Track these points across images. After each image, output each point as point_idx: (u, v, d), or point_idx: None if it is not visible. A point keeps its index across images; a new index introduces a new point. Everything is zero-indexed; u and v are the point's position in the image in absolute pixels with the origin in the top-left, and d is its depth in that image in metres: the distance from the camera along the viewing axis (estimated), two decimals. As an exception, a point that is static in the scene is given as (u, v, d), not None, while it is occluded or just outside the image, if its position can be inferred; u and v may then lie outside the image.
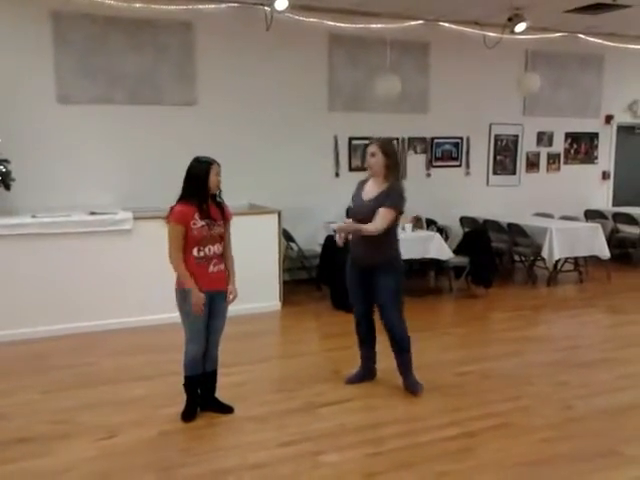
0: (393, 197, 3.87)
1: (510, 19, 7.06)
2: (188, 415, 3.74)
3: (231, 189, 6.66)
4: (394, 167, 3.93)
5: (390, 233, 3.95)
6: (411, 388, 4.13)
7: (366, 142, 7.46)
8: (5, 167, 5.45)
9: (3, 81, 5.76)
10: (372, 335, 4.28)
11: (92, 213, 5.57)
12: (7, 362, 4.77)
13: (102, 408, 3.91)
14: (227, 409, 3.84)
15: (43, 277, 5.29)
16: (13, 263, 5.21)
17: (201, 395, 3.81)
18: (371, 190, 3.97)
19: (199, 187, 3.58)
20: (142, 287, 5.48)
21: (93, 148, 6.30)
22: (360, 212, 3.96)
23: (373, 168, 3.93)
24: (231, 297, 3.76)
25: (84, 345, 5.13)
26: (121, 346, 5.13)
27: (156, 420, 3.73)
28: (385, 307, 4.04)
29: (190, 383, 3.74)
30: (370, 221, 3.85)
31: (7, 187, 5.46)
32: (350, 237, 4.05)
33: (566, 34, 8.17)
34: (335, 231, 4.05)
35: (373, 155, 3.91)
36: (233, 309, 5.79)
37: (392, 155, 3.95)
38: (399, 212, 3.91)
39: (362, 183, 4.10)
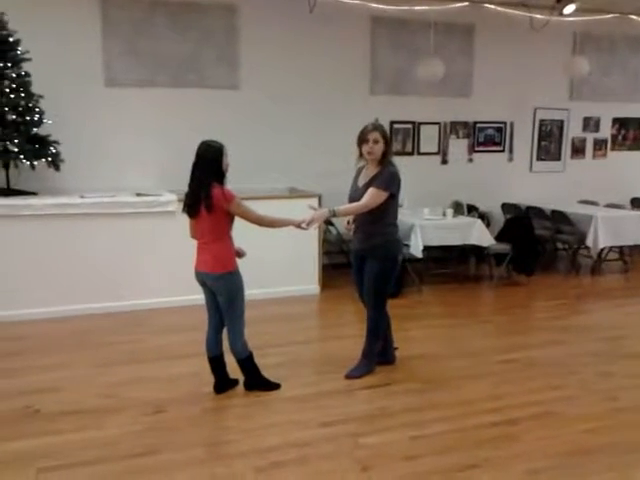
0: (382, 178, 3.87)
1: (559, 0, 6.87)
2: (276, 385, 3.94)
3: (272, 172, 6.82)
4: (389, 152, 3.98)
5: (382, 218, 3.93)
6: (352, 369, 4.17)
7: (408, 126, 7.55)
8: (55, 148, 5.59)
9: (54, 65, 5.89)
10: None
11: (138, 194, 5.70)
12: (58, 338, 4.93)
13: (149, 384, 4.03)
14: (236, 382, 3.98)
15: (90, 256, 5.45)
16: (61, 242, 5.38)
17: (223, 375, 3.92)
18: (366, 176, 4.01)
19: (219, 170, 3.60)
20: (185, 267, 5.54)
21: (138, 130, 6.42)
22: (354, 199, 3.98)
23: (374, 155, 3.92)
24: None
25: (130, 323, 5.28)
26: (165, 324, 5.27)
27: (201, 397, 3.82)
28: (367, 292, 4.11)
29: (252, 359, 3.87)
30: None
31: (57, 168, 5.61)
32: (351, 224, 4.10)
33: (617, 15, 7.89)
34: (308, 225, 3.76)
35: (376, 142, 3.90)
36: (272, 291, 5.98)
37: (389, 141, 4.01)
38: (390, 193, 3.87)
39: (359, 170, 4.13)
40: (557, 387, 4.05)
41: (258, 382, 3.91)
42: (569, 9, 6.89)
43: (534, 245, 6.90)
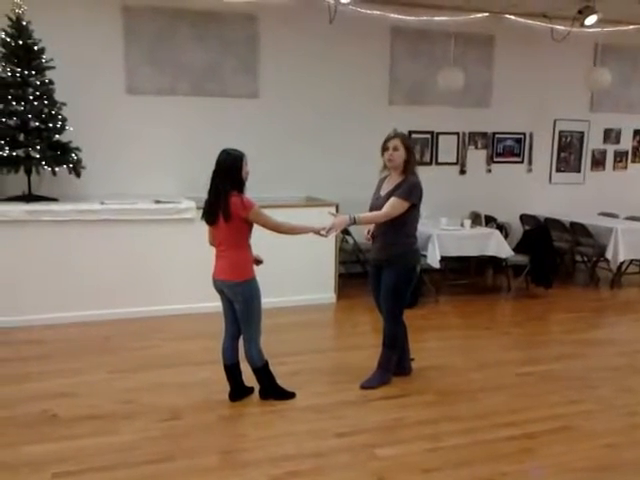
0: (405, 188, 3.85)
1: (580, 11, 6.82)
2: (291, 394, 3.93)
3: (290, 181, 6.85)
4: (412, 161, 3.94)
5: (401, 228, 3.92)
6: (367, 380, 4.14)
7: (426, 136, 7.53)
8: (76, 155, 5.66)
9: (77, 73, 5.97)
10: None
11: (157, 202, 5.74)
12: (76, 343, 4.98)
13: (165, 390, 4.04)
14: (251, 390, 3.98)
15: (109, 262, 5.49)
16: (81, 247, 5.43)
17: (239, 383, 3.93)
18: (388, 185, 3.99)
19: (239, 179, 3.61)
20: (204, 274, 5.57)
21: (159, 138, 6.48)
22: (375, 207, 3.97)
23: (395, 162, 3.90)
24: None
25: (147, 329, 5.31)
26: (183, 331, 5.29)
27: (216, 405, 3.82)
28: (383, 302, 4.09)
29: (268, 367, 3.87)
30: None
31: (78, 174, 5.67)
32: (370, 234, 4.10)
33: (639, 26, 7.82)
34: (328, 232, 3.76)
35: (396, 149, 3.88)
36: (289, 300, 5.98)
37: (411, 150, 3.97)
38: (411, 204, 3.85)
39: (382, 180, 4.12)
40: (575, 401, 3.99)
41: (273, 391, 3.91)
42: (590, 20, 6.83)
43: (553, 257, 6.83)
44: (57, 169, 5.51)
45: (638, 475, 3.15)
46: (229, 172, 3.59)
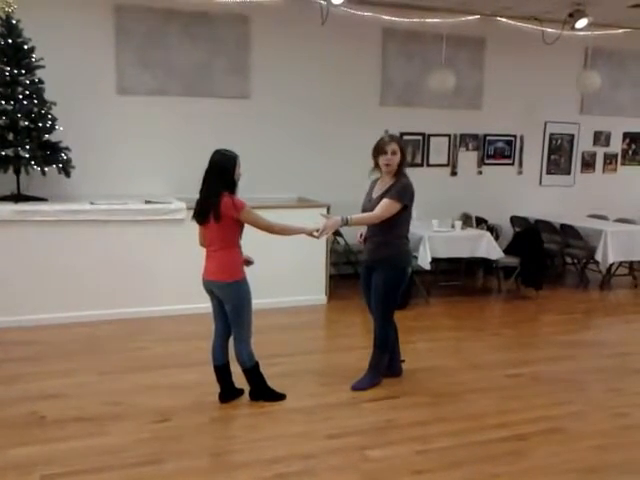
0: (397, 189, 3.86)
1: (571, 15, 6.87)
2: (281, 395, 3.91)
3: (282, 182, 6.84)
4: (404, 163, 3.98)
5: (393, 230, 3.93)
6: (358, 381, 4.14)
7: (418, 137, 7.54)
8: (66, 155, 5.62)
9: (67, 72, 5.93)
10: None
11: (147, 202, 5.72)
12: (65, 344, 4.94)
13: (155, 392, 4.01)
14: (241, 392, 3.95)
15: (98, 263, 5.46)
16: (71, 248, 5.39)
17: (229, 384, 3.90)
18: (380, 187, 4.00)
19: (231, 179, 3.61)
20: (194, 275, 5.55)
21: (149, 138, 6.44)
22: (367, 209, 3.98)
23: (392, 166, 3.91)
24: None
25: (137, 330, 5.28)
26: (172, 332, 5.26)
27: (206, 406, 3.81)
28: (374, 303, 4.09)
29: (258, 368, 3.86)
30: None
31: (67, 174, 5.63)
32: (363, 235, 4.11)
33: (628, 30, 7.88)
34: (320, 234, 3.77)
35: (395, 153, 3.89)
36: (280, 301, 5.97)
37: (405, 152, 4.01)
38: (403, 205, 3.86)
39: (374, 182, 4.13)
40: (566, 403, 4.01)
41: (263, 392, 3.89)
42: (581, 23, 6.88)
43: (543, 259, 6.85)
44: (46, 169, 5.46)
45: (627, 476, 3.17)
46: (222, 173, 3.59)
